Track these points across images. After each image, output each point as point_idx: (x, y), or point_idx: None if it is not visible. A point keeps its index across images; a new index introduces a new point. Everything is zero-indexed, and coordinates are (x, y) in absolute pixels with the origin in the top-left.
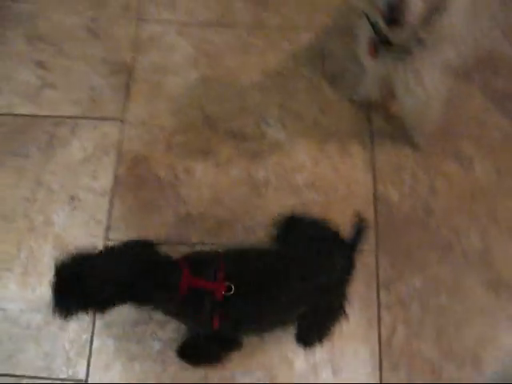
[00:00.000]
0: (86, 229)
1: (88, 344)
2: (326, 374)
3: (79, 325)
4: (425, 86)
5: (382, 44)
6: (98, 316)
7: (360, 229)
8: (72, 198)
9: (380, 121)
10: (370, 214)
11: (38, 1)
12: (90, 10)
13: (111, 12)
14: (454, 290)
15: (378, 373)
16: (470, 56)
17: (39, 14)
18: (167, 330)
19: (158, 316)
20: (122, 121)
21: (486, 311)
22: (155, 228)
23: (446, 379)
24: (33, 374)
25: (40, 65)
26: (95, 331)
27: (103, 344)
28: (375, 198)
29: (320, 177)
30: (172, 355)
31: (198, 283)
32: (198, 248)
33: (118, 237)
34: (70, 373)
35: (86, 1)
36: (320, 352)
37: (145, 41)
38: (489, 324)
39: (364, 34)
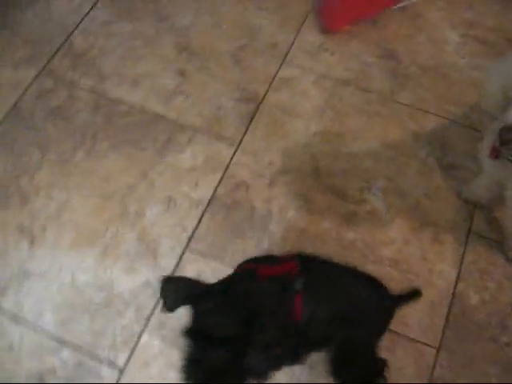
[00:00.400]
0: (172, 231)
1: (136, 336)
2: None
3: (136, 314)
4: None
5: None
6: (154, 313)
7: (411, 295)
8: (169, 199)
9: (481, 222)
10: (443, 309)
11: (198, 18)
12: (241, 39)
13: (259, 46)
14: None
15: None
16: None
17: (195, 29)
18: None
19: None
20: (236, 145)
21: None
22: (233, 253)
23: None
24: (78, 344)
25: (181, 73)
26: (148, 326)
27: (150, 342)
28: (454, 294)
29: (405, 257)
30: None
31: (271, 271)
32: None
33: (198, 248)
34: (111, 357)
35: (239, 30)
36: None
37: (281, 80)
38: None
39: (490, 135)
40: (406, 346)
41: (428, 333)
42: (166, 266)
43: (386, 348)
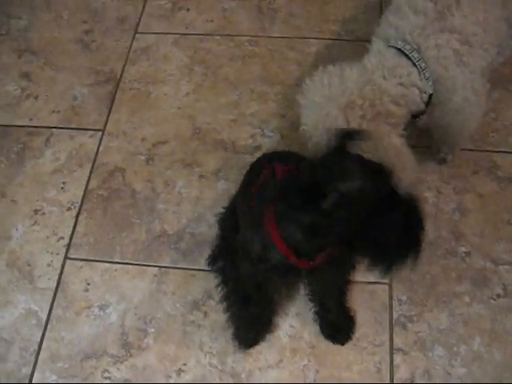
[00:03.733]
0: (45, 245)
1: (27, 380)
2: None
3: (21, 354)
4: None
5: None
6: (43, 346)
7: None
8: (35, 212)
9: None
10: None
11: (34, 16)
12: (85, 24)
13: (107, 25)
14: (492, 334)
15: None
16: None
17: (33, 28)
18: (122, 369)
19: (114, 350)
20: (101, 131)
21: None
22: (123, 247)
23: None
24: None
25: (25, 76)
26: (38, 363)
27: (44, 379)
28: None
29: None
30: None
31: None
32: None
33: (80, 254)
34: None
35: (82, 16)
36: None
37: (137, 51)
38: None
39: None
40: (355, 292)
41: (374, 269)
42: (47, 287)
43: None
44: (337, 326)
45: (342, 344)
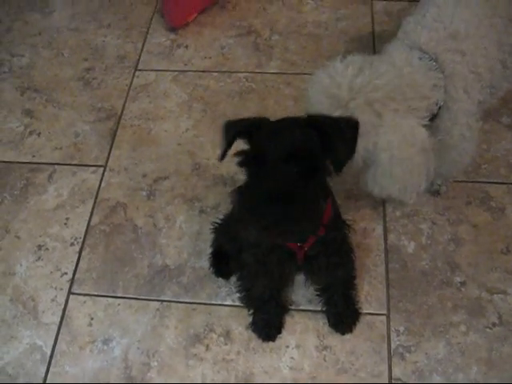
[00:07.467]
0: (49, 280)
1: None
2: None
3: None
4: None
5: None
6: (47, 381)
7: None
8: (39, 247)
9: None
10: (380, 269)
11: (36, 54)
12: (86, 62)
13: (107, 63)
14: (489, 362)
15: None
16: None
17: (35, 65)
18: None
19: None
20: (103, 167)
21: None
22: (125, 282)
23: None
24: None
25: (28, 113)
26: None
27: None
28: (386, 249)
29: None
30: None
31: None
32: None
33: (83, 290)
34: None
35: (82, 54)
36: None
37: (137, 88)
38: None
39: None
40: None
41: (371, 300)
42: (51, 322)
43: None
44: (341, 317)
45: (343, 334)
